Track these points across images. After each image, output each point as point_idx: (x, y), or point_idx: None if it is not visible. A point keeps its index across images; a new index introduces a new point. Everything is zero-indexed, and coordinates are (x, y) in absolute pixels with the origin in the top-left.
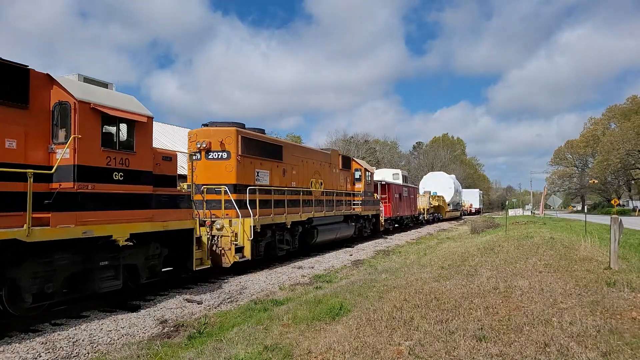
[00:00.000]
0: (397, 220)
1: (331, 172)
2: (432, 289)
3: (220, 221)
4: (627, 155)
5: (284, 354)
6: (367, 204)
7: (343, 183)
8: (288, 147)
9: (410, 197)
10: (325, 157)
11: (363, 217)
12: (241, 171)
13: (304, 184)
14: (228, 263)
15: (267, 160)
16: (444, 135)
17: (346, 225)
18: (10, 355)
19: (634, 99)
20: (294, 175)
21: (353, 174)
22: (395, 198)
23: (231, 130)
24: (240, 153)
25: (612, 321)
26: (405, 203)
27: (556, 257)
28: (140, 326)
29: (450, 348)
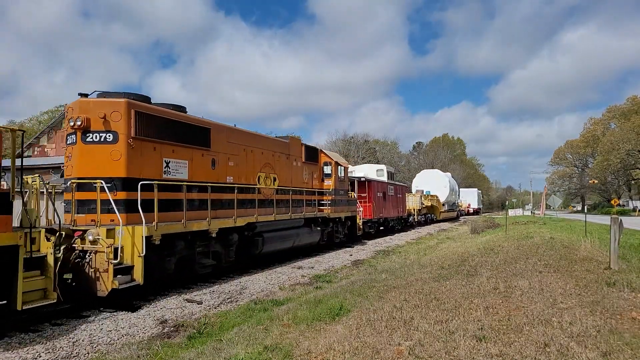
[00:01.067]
0: (381, 222)
1: (289, 165)
2: (432, 289)
3: (95, 230)
4: (627, 155)
5: (284, 354)
6: (340, 205)
7: (307, 179)
8: (221, 131)
9: (397, 197)
10: (281, 147)
11: (334, 220)
12: (136, 160)
13: (247, 180)
14: (104, 291)
15: (184, 146)
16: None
17: (308, 230)
18: (10, 355)
19: (634, 99)
20: (232, 168)
21: (322, 168)
22: (378, 197)
23: (119, 102)
24: (134, 134)
25: (612, 321)
26: (390, 203)
27: (556, 257)
28: (140, 326)
29: (450, 348)
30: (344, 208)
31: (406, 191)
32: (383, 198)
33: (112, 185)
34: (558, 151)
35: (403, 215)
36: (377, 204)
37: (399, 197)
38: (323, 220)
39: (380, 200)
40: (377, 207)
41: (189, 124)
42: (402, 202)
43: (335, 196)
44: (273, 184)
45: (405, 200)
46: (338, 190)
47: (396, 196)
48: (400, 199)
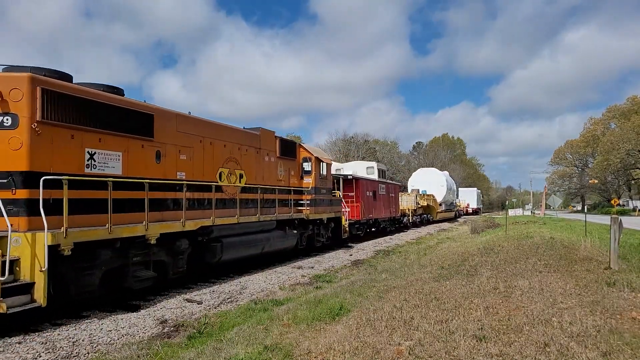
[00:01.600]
0: (371, 223)
1: (260, 160)
2: (432, 289)
3: None
4: (627, 155)
5: (284, 354)
6: (321, 205)
7: (283, 176)
8: (168, 118)
9: (389, 196)
10: (250, 140)
11: (314, 221)
12: (44, 150)
13: (205, 176)
14: None
15: (116, 135)
16: (443, 135)
17: (281, 234)
18: (10, 355)
19: (634, 99)
20: (184, 163)
21: (300, 165)
22: (367, 197)
23: (20, 77)
24: (40, 118)
25: (612, 321)
26: (382, 203)
27: (556, 257)
28: (140, 326)
29: (450, 348)
30: (327, 209)
31: (400, 190)
32: (373, 197)
33: (10, 181)
34: (558, 151)
35: (396, 216)
36: (366, 204)
37: (391, 197)
38: (301, 222)
39: (369, 199)
40: (366, 207)
41: (124, 108)
42: (395, 202)
43: (316, 195)
44: (239, 182)
45: (399, 199)
46: (319, 188)
47: (388, 195)
48: (393, 198)
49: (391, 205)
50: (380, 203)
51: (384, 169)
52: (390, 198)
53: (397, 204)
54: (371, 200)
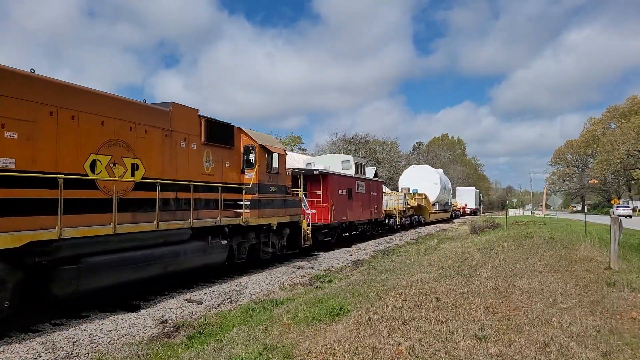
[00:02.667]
0: (345, 227)
1: (172, 147)
2: (432, 289)
3: None
4: (627, 155)
5: (284, 354)
6: (269, 206)
7: (212, 169)
8: None
9: (370, 195)
10: (152, 117)
11: (260, 228)
12: None
13: (62, 165)
14: None
15: None
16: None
17: (200, 246)
18: (10, 355)
19: (634, 99)
20: (15, 144)
21: (242, 155)
22: (339, 195)
23: None
24: None
25: (612, 321)
26: (360, 203)
27: (556, 257)
28: (140, 326)
29: (450, 348)
30: (278, 211)
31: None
32: (348, 196)
33: None
34: (558, 151)
35: (379, 218)
36: (339, 204)
37: (372, 196)
38: (238, 229)
39: (342, 199)
40: (339, 208)
41: None
42: (377, 202)
43: (261, 194)
44: (132, 175)
45: (382, 199)
46: (267, 186)
47: (368, 194)
48: (375, 197)
49: (372, 206)
50: (358, 203)
51: (362, 163)
52: (372, 197)
53: (380, 204)
54: (345, 199)
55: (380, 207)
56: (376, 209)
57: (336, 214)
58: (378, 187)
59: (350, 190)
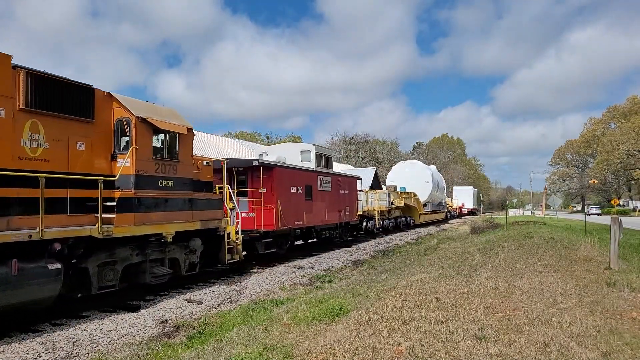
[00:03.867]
0: (300, 234)
1: None
2: (432, 289)
3: None
4: (627, 155)
5: (284, 354)
6: (159, 208)
7: (49, 152)
8: None
9: (339, 194)
10: None
11: (143, 240)
12: None
13: None
14: None
15: None
16: (443, 135)
17: None
18: (10, 355)
19: (634, 99)
20: None
21: (114, 133)
22: (292, 194)
23: None
24: None
25: (612, 321)
26: (324, 203)
27: (556, 257)
28: (140, 326)
29: (450, 348)
30: (178, 215)
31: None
32: (306, 195)
33: None
34: (558, 151)
35: (351, 221)
36: (291, 205)
37: (342, 195)
38: (99, 244)
39: (297, 198)
40: (291, 209)
41: None
42: (350, 202)
43: (142, 190)
44: None
45: (357, 198)
46: (153, 179)
47: (337, 193)
48: (347, 196)
49: (343, 207)
50: (321, 204)
51: (328, 154)
52: (342, 197)
53: (354, 204)
54: (300, 199)
55: (354, 207)
56: (348, 211)
57: (286, 217)
58: (351, 184)
59: (309, 188)
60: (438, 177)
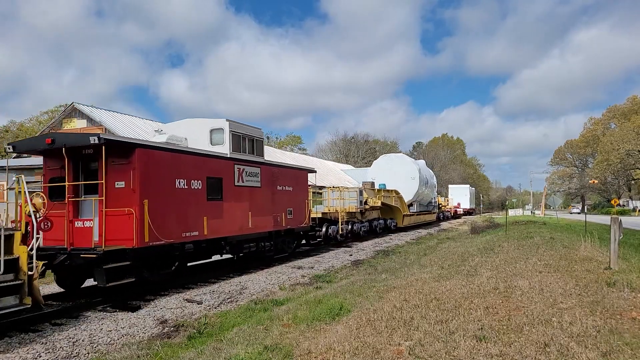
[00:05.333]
0: (201, 248)
1: None
2: (432, 289)
3: None
4: (627, 155)
5: (284, 354)
6: None
7: None
8: None
9: (274, 191)
10: None
11: None
12: None
13: None
14: None
15: None
16: (443, 135)
17: None
18: (10, 355)
19: (634, 99)
20: None
21: None
22: (178, 192)
23: None
24: None
25: (612, 321)
26: (246, 204)
27: (556, 257)
28: (140, 326)
29: (450, 348)
30: None
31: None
32: (211, 193)
33: None
34: (558, 151)
35: (298, 227)
36: (175, 209)
37: (281, 192)
38: None
39: (191, 198)
40: (175, 215)
41: None
42: (293, 202)
43: None
44: None
45: (307, 197)
46: None
47: (271, 189)
48: (289, 195)
49: (283, 208)
50: (240, 204)
51: (255, 136)
52: (280, 195)
53: (302, 204)
54: (198, 199)
55: (302, 209)
56: (291, 214)
57: (164, 226)
58: (298, 178)
59: (216, 183)
60: (427, 173)
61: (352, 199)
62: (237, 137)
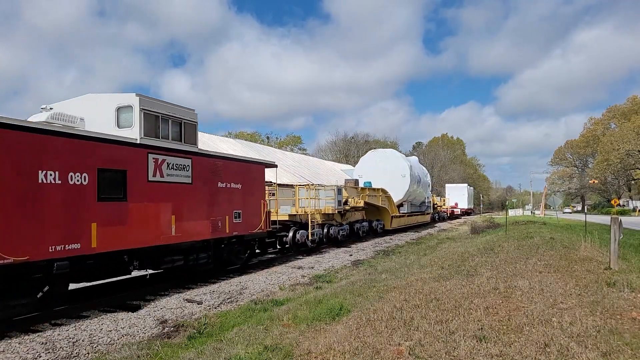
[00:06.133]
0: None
1: None
2: (432, 289)
3: None
4: (627, 155)
5: (284, 354)
6: None
7: None
8: None
9: (214, 189)
10: None
11: None
12: None
13: None
14: None
15: None
16: (443, 135)
17: None
18: (10, 355)
19: (634, 99)
20: None
21: None
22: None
23: None
24: None
25: (612, 321)
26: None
27: (556, 257)
28: (140, 326)
29: (450, 348)
30: None
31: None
32: (113, 192)
33: None
34: (558, 151)
35: (248, 234)
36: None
37: (224, 191)
38: None
39: (75, 196)
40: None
41: None
42: (243, 202)
43: None
44: None
45: (262, 196)
46: None
47: (208, 187)
48: (237, 194)
49: (226, 211)
50: (156, 206)
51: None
52: (222, 192)
53: (256, 205)
54: (84, 197)
55: (256, 212)
56: (240, 217)
57: (11, 237)
58: (250, 173)
59: (115, 177)
60: (420, 171)
61: (329, 199)
62: (154, 119)
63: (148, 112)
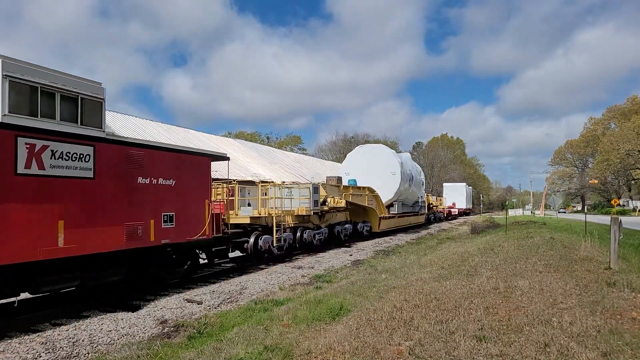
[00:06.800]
0: None
1: None
2: (432, 289)
3: None
4: (627, 155)
5: (284, 354)
6: None
7: None
8: None
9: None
10: None
11: None
12: None
13: None
14: None
15: None
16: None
17: None
18: (10, 355)
19: (634, 99)
20: None
21: None
22: None
23: None
24: None
25: (612, 321)
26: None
27: (556, 257)
28: (140, 326)
29: (450, 348)
30: None
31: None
32: None
33: None
34: (558, 151)
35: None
36: None
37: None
38: None
39: None
40: None
41: None
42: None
43: None
44: None
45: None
46: None
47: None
48: (171, 192)
49: (152, 214)
50: (29, 209)
51: (83, 94)
52: (144, 190)
53: (198, 206)
54: None
55: (198, 214)
56: (171, 222)
57: None
58: (190, 167)
59: None
60: (412, 168)
61: (303, 199)
62: (28, 90)
63: (18, 81)
